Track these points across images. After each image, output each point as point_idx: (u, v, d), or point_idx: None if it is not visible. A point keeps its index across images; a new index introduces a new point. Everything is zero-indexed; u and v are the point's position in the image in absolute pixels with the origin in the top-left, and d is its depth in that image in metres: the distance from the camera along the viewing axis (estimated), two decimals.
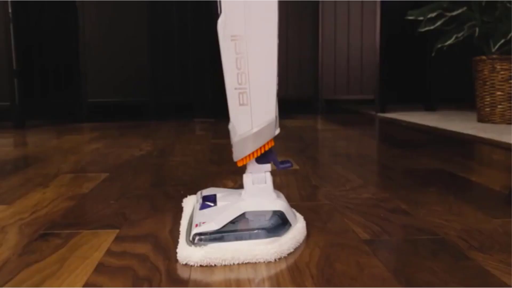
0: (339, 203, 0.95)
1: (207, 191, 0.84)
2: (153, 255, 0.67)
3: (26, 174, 1.29)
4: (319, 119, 2.92)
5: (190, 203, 0.88)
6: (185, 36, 3.33)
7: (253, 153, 0.74)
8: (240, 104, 0.72)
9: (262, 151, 0.74)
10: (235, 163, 0.76)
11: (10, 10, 2.55)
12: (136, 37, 3.03)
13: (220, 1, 0.70)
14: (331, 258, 0.66)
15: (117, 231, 0.78)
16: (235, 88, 0.72)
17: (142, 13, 3.03)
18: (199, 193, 0.85)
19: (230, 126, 0.74)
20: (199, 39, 3.37)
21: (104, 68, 3.02)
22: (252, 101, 0.72)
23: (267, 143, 0.74)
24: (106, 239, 0.74)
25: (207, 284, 0.58)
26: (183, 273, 0.62)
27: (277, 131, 0.75)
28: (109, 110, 3.32)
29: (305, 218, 0.79)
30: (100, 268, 0.63)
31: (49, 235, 0.77)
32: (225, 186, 1.10)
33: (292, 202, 0.95)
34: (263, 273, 0.61)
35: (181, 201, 0.92)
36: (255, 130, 0.72)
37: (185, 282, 0.59)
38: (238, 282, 0.59)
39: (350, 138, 2.01)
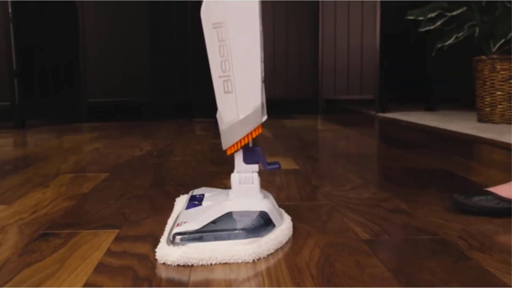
0: (339, 203, 0.95)
1: (198, 191, 0.84)
2: (153, 255, 0.67)
3: (26, 174, 1.29)
4: (319, 119, 2.92)
5: (181, 202, 0.88)
6: (185, 36, 3.33)
7: (241, 140, 0.73)
8: (225, 92, 0.72)
9: (250, 138, 0.74)
10: (225, 151, 0.76)
11: (10, 10, 2.55)
12: (136, 37, 3.03)
13: None
14: (331, 258, 0.66)
15: (117, 231, 0.78)
16: (220, 76, 0.71)
17: (142, 13, 3.03)
18: (190, 192, 0.86)
19: (218, 115, 0.74)
20: (199, 39, 3.37)
21: (104, 68, 3.02)
22: (237, 88, 0.71)
23: (255, 130, 0.73)
24: (106, 239, 0.74)
25: (207, 284, 0.58)
26: (183, 273, 0.61)
27: (264, 117, 0.74)
28: (109, 110, 3.32)
29: (305, 218, 0.79)
30: (100, 268, 0.63)
31: (49, 235, 0.77)
32: (225, 186, 1.10)
33: (292, 202, 0.96)
34: (263, 272, 0.61)
35: None
36: (241, 116, 0.72)
37: (185, 282, 0.59)
38: (237, 281, 0.59)
39: (350, 138, 2.01)
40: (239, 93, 0.71)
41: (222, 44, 0.70)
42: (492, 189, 0.85)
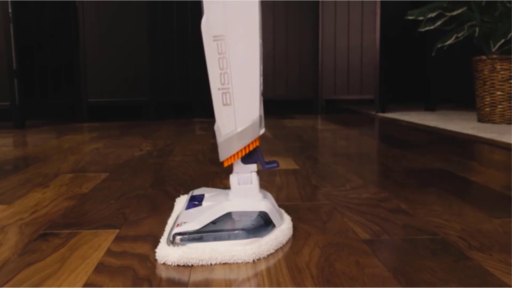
0: (339, 203, 0.95)
1: (198, 191, 0.85)
2: (153, 255, 0.67)
3: (26, 174, 1.29)
4: (319, 119, 2.92)
5: (181, 202, 0.88)
6: (185, 36, 3.33)
7: (238, 152, 0.74)
8: (224, 104, 0.72)
9: (247, 151, 0.74)
10: (222, 163, 0.76)
11: (10, 10, 2.55)
12: (136, 37, 3.03)
13: (202, 1, 0.70)
14: (331, 258, 0.66)
15: (117, 231, 0.78)
16: (218, 89, 0.72)
17: (142, 13, 3.03)
18: (190, 192, 0.86)
19: (216, 127, 0.74)
20: (199, 39, 3.37)
21: (104, 68, 3.02)
22: (235, 101, 0.72)
23: (252, 142, 0.74)
24: (106, 239, 0.75)
25: (207, 284, 0.58)
26: (183, 273, 0.62)
27: (262, 130, 0.75)
28: (109, 110, 3.32)
29: (305, 218, 0.79)
30: (100, 268, 0.63)
31: (49, 235, 0.77)
32: (225, 186, 1.10)
33: (292, 202, 0.96)
34: (263, 272, 0.61)
35: None
36: (239, 129, 0.72)
37: (185, 282, 0.59)
38: (237, 281, 0.59)
39: (350, 138, 2.01)
40: (238, 105, 0.72)
41: (222, 56, 0.70)
42: None
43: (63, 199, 1.00)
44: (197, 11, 3.38)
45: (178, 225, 0.70)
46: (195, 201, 0.78)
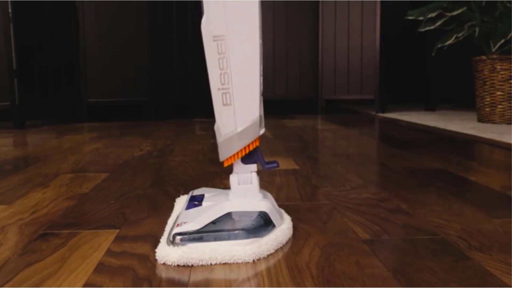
0: (339, 203, 0.95)
1: (198, 191, 0.85)
2: (153, 255, 0.67)
3: (26, 174, 1.29)
4: (319, 119, 2.92)
5: (181, 202, 0.88)
6: (185, 36, 3.33)
7: (238, 152, 0.74)
8: (224, 104, 0.72)
9: (247, 151, 0.74)
10: (222, 163, 0.76)
11: (10, 10, 2.55)
12: (136, 37, 3.04)
13: (202, 1, 0.70)
14: (331, 258, 0.66)
15: (117, 231, 0.78)
16: (218, 89, 0.72)
17: (142, 13, 3.03)
18: (190, 192, 0.86)
19: (216, 127, 0.74)
20: (199, 39, 3.37)
21: (104, 68, 3.02)
22: (235, 101, 0.72)
23: (252, 142, 0.74)
24: (106, 239, 0.75)
25: (207, 284, 0.58)
26: (183, 273, 0.62)
27: (262, 130, 0.75)
28: (109, 110, 3.32)
29: (305, 218, 0.79)
30: (100, 268, 0.63)
31: (49, 235, 0.77)
32: (225, 186, 1.10)
33: (292, 202, 0.96)
34: (263, 272, 0.61)
35: None
36: (239, 129, 0.73)
37: (185, 282, 0.59)
38: (237, 281, 0.59)
39: (350, 138, 2.01)
40: (238, 105, 0.72)
41: (222, 56, 0.70)
42: None
43: (63, 199, 1.00)
44: (197, 11, 3.38)
45: (178, 225, 0.70)
46: (195, 201, 0.78)
